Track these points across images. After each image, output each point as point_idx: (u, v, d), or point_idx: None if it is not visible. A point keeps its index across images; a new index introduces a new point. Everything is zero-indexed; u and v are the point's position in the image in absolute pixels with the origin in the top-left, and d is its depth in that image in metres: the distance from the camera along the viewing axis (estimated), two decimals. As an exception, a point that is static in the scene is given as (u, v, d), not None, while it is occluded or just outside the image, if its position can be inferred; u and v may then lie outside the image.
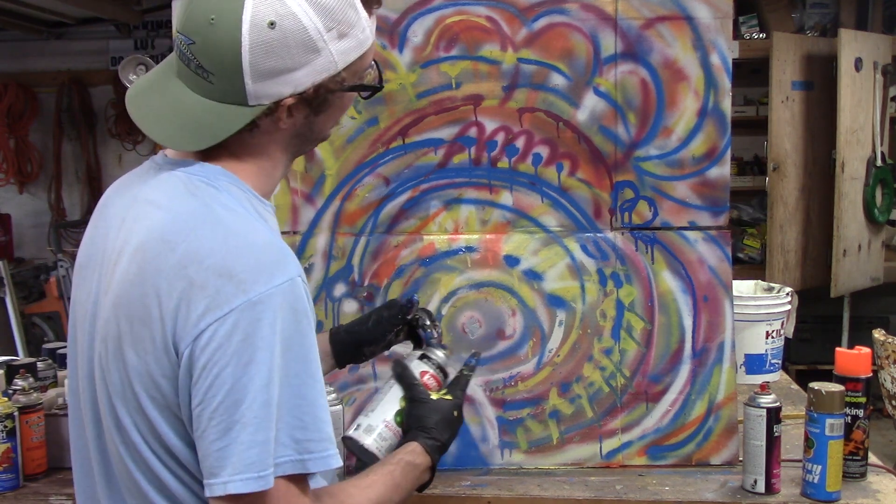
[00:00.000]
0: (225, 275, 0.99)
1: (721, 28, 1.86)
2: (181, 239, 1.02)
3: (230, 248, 1.01)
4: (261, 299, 0.98)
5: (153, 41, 6.23)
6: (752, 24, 5.22)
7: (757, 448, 1.70)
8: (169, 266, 1.00)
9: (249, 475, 0.97)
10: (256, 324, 0.97)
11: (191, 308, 0.98)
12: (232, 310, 0.97)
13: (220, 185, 1.09)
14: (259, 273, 0.99)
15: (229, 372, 0.97)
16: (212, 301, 0.98)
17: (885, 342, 3.12)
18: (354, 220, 1.90)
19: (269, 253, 1.03)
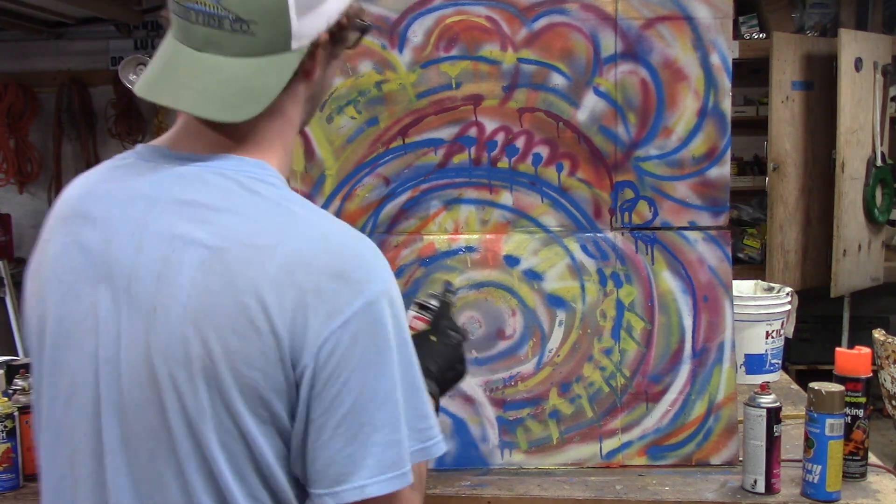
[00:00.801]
0: (338, 277, 0.93)
1: (721, 28, 1.86)
2: (275, 243, 0.94)
3: (333, 248, 0.96)
4: (377, 298, 0.94)
5: (153, 41, 6.23)
6: (752, 24, 5.22)
7: (757, 448, 1.70)
8: (270, 274, 0.92)
9: (391, 474, 0.95)
10: (377, 324, 0.94)
11: (309, 317, 0.92)
12: (354, 313, 0.93)
13: (272, 180, 1.02)
14: (368, 270, 0.96)
15: (357, 377, 0.93)
16: (331, 307, 0.92)
17: (885, 342, 3.12)
18: (354, 220, 1.90)
19: (367, 247, 0.99)
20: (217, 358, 0.93)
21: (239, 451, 0.95)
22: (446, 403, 1.89)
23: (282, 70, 1.01)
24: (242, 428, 0.94)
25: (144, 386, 0.95)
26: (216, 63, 0.99)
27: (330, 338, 0.92)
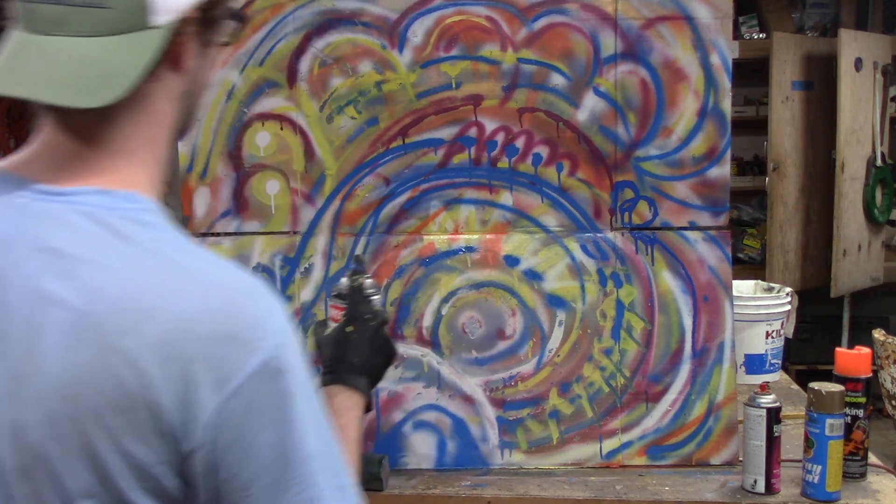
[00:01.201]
0: (228, 340, 0.83)
1: (721, 28, 1.86)
2: (153, 305, 0.82)
3: (220, 305, 0.84)
4: (273, 354, 0.84)
5: (153, 41, 6.22)
6: (752, 24, 5.22)
7: (757, 448, 1.70)
8: (149, 343, 0.81)
9: None
10: (276, 381, 0.85)
11: (198, 389, 0.82)
12: (248, 376, 0.83)
13: (147, 217, 0.88)
14: (261, 325, 0.85)
15: (260, 441, 0.84)
16: (221, 373, 0.82)
17: (885, 342, 3.12)
18: (354, 220, 1.91)
19: (259, 296, 0.87)
20: (95, 436, 0.82)
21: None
22: (446, 403, 1.89)
23: (142, 49, 0.87)
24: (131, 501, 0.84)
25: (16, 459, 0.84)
26: (66, 45, 0.86)
27: (223, 407, 0.82)
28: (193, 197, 1.91)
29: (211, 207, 1.91)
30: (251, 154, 1.90)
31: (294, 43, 1.88)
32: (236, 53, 1.88)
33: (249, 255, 1.91)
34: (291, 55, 1.88)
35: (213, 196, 1.91)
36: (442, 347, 1.90)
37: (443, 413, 1.89)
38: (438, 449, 1.89)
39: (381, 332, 1.36)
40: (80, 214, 0.86)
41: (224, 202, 1.91)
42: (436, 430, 1.90)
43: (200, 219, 1.92)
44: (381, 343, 1.35)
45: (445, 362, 1.90)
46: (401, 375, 1.90)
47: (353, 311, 1.36)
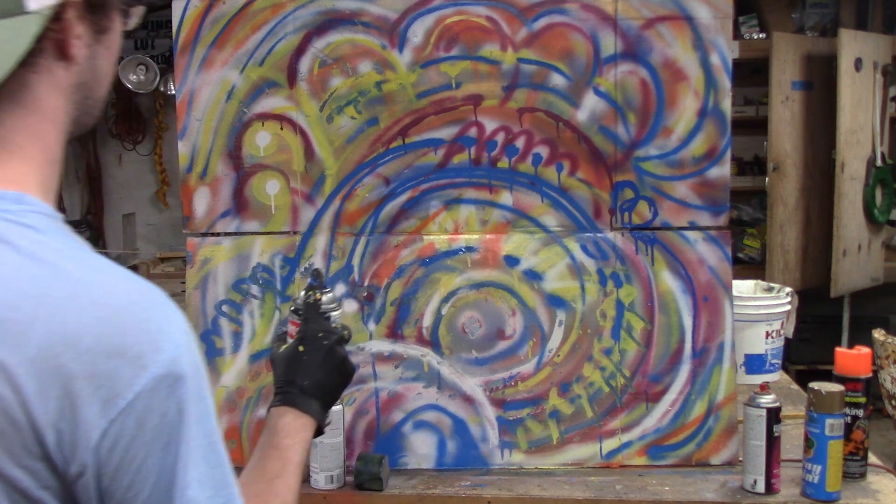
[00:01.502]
0: (116, 354, 0.76)
1: (721, 28, 1.86)
2: (33, 316, 0.75)
3: (107, 316, 0.77)
4: (166, 370, 0.77)
5: (153, 41, 6.23)
6: (752, 24, 5.22)
7: (757, 448, 1.70)
8: (28, 357, 0.74)
9: None
10: (168, 400, 0.78)
11: (81, 408, 0.75)
12: (137, 394, 0.76)
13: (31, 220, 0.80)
14: (154, 338, 0.78)
15: (152, 462, 0.78)
16: (108, 391, 0.75)
17: (885, 342, 3.12)
18: (354, 220, 1.91)
19: (152, 306, 0.80)
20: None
21: None
22: (446, 403, 1.89)
23: (15, 36, 0.80)
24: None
25: None
26: None
27: (110, 428, 0.76)
28: (193, 197, 1.91)
29: (211, 207, 1.91)
30: (251, 154, 1.90)
31: (294, 43, 1.88)
32: (236, 53, 1.88)
33: (249, 255, 1.91)
34: (291, 55, 1.88)
35: (213, 196, 1.91)
36: (442, 347, 1.90)
37: (443, 413, 1.89)
38: (438, 449, 1.89)
39: (335, 351, 1.26)
40: None
41: (224, 202, 1.91)
42: (436, 430, 1.90)
43: (200, 219, 1.92)
44: (335, 363, 1.25)
45: (445, 362, 1.90)
46: (401, 375, 1.90)
47: (305, 330, 1.27)
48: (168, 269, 5.76)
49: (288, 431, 1.17)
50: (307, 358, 1.24)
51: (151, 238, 6.47)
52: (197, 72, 1.88)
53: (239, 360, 1.89)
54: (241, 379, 1.89)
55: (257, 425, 1.89)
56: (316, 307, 1.29)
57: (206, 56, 1.88)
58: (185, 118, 1.89)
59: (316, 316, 1.29)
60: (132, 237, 6.43)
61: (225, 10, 1.88)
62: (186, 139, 1.90)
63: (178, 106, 1.90)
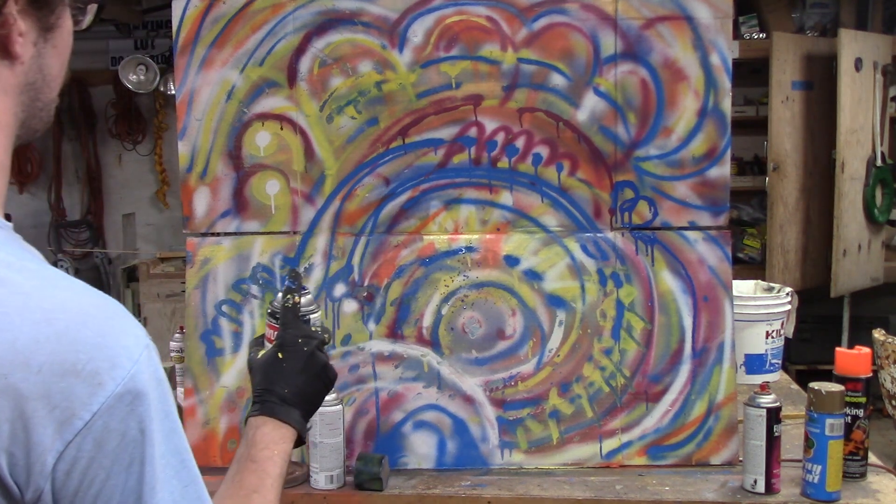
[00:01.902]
0: (68, 372, 0.72)
1: (721, 28, 1.86)
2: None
3: (60, 332, 0.73)
4: (125, 388, 0.74)
5: (153, 41, 6.23)
6: (752, 24, 5.22)
7: (757, 448, 1.70)
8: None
9: None
10: (128, 418, 0.74)
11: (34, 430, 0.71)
12: (95, 413, 0.73)
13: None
14: (110, 354, 0.74)
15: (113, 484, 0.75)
16: (63, 412, 0.72)
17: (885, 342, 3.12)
18: (354, 220, 1.91)
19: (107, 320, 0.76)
20: None
21: None
22: (446, 403, 1.89)
23: None
24: None
25: None
26: None
27: (67, 450, 0.72)
28: (193, 197, 1.91)
29: (211, 207, 1.91)
30: (251, 154, 1.90)
31: (294, 43, 1.88)
32: (236, 53, 1.88)
33: (249, 255, 1.91)
34: (291, 55, 1.88)
35: (213, 196, 1.91)
36: (442, 347, 1.90)
37: (443, 413, 1.89)
38: (438, 449, 1.89)
39: (315, 356, 1.20)
40: None
41: (224, 202, 1.91)
42: (436, 430, 1.90)
43: (200, 219, 1.92)
44: (316, 369, 1.20)
45: (445, 362, 1.90)
46: (401, 375, 1.90)
47: (284, 336, 1.21)
48: (168, 269, 5.76)
49: (266, 443, 1.11)
50: (287, 365, 1.18)
51: (151, 238, 6.47)
52: (197, 72, 1.88)
53: (239, 359, 1.89)
54: (241, 379, 1.89)
55: (257, 425, 1.89)
56: (294, 311, 1.23)
57: (206, 56, 1.88)
58: (185, 118, 1.89)
59: (294, 320, 1.22)
60: (132, 237, 6.43)
61: (225, 10, 1.88)
62: (186, 139, 1.90)
63: (178, 106, 1.90)
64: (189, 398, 1.90)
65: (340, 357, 1.90)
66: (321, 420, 1.74)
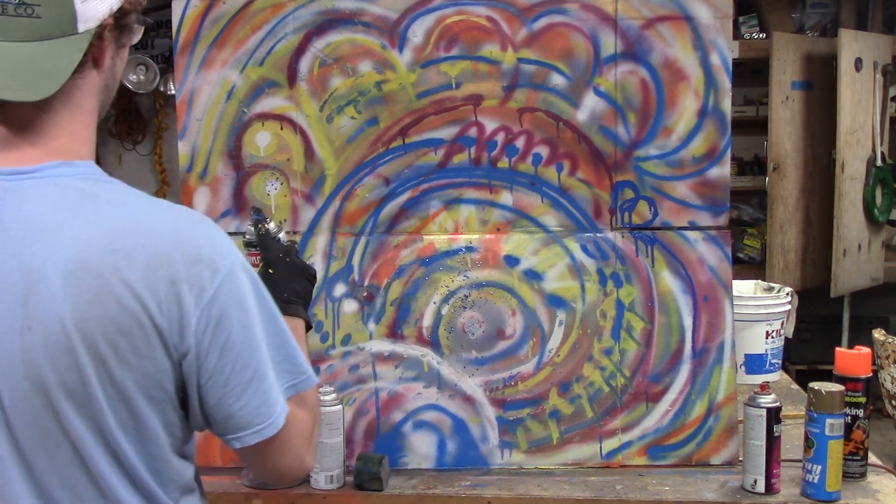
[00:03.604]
0: (197, 261, 1.04)
1: (721, 28, 1.86)
2: (133, 245, 1.02)
3: (184, 236, 1.06)
4: (231, 269, 1.07)
5: (153, 41, 6.22)
6: (752, 24, 5.22)
7: (757, 448, 1.70)
8: (139, 275, 1.01)
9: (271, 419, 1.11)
10: (237, 291, 1.07)
11: (183, 303, 1.03)
12: (217, 288, 1.05)
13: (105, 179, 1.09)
14: (219, 247, 1.07)
15: (233, 340, 1.06)
16: (198, 289, 1.04)
17: (885, 342, 3.13)
18: (354, 219, 1.91)
19: (211, 227, 1.10)
20: (108, 357, 1.02)
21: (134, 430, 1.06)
22: (446, 403, 1.89)
23: (71, 52, 1.05)
24: (137, 411, 1.05)
25: (31, 399, 1.02)
26: (6, 49, 1.03)
27: (203, 315, 1.04)
28: (193, 197, 1.91)
29: (211, 207, 1.91)
30: (251, 154, 1.90)
31: (294, 43, 1.88)
32: (236, 53, 1.88)
33: (249, 255, 1.91)
34: (291, 55, 1.88)
35: (213, 196, 1.91)
36: (442, 347, 1.90)
37: (443, 413, 1.90)
38: (438, 449, 1.89)
39: (296, 263, 1.50)
40: (49, 184, 1.04)
41: (224, 202, 1.91)
42: (436, 430, 1.90)
43: (200, 219, 1.91)
44: (300, 271, 1.49)
45: (445, 362, 1.90)
46: (401, 375, 1.90)
47: (268, 256, 1.51)
48: (168, 269, 5.75)
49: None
50: (279, 276, 1.46)
51: (151, 238, 6.47)
52: (197, 72, 1.88)
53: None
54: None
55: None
56: (268, 235, 1.54)
57: (206, 56, 1.88)
58: (185, 118, 1.89)
59: (271, 242, 1.53)
60: (132, 237, 6.43)
61: (225, 10, 1.88)
62: (186, 139, 1.90)
63: (178, 106, 1.90)
64: (189, 398, 1.90)
65: (340, 357, 1.90)
66: (321, 420, 1.74)
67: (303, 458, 1.19)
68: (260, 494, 1.77)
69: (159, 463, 1.09)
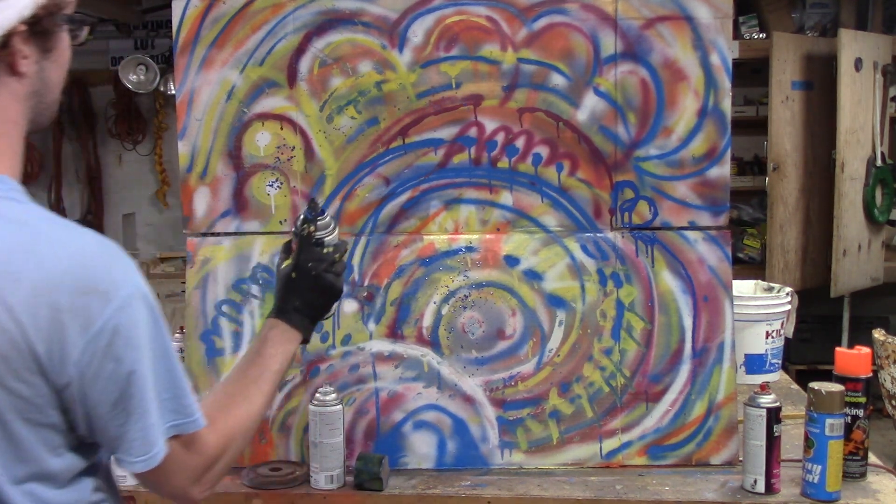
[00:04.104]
0: (88, 292, 1.02)
1: (721, 28, 1.86)
2: (23, 267, 1.01)
3: (80, 263, 1.03)
4: (125, 301, 1.04)
5: (153, 41, 6.23)
6: (752, 24, 5.22)
7: (757, 448, 1.70)
8: (21, 300, 1.00)
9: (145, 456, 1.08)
10: (128, 325, 1.04)
11: (66, 333, 1.01)
12: (105, 321, 1.02)
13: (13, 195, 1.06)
14: (114, 278, 1.04)
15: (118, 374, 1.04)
16: (84, 319, 1.01)
17: (885, 342, 3.12)
18: (354, 220, 1.91)
19: (112, 255, 1.06)
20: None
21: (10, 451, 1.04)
22: (446, 403, 1.89)
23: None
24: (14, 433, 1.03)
25: None
26: None
27: (87, 347, 1.02)
28: (193, 197, 1.91)
29: (211, 207, 1.91)
30: (251, 154, 1.90)
31: (294, 43, 1.88)
32: (236, 53, 1.88)
33: (249, 255, 1.91)
34: (291, 55, 1.88)
35: (213, 196, 1.91)
36: (442, 347, 1.90)
37: (443, 413, 1.90)
38: (438, 449, 1.89)
39: (321, 277, 1.44)
40: None
41: (224, 202, 1.91)
42: (436, 430, 1.90)
43: (200, 219, 1.91)
44: (323, 287, 1.44)
45: (445, 362, 1.90)
46: (401, 375, 1.90)
47: (297, 259, 1.45)
48: (168, 269, 5.76)
49: (275, 342, 1.36)
50: (298, 284, 1.43)
51: (151, 238, 6.47)
52: (197, 72, 1.88)
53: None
54: (241, 379, 1.89)
55: (257, 425, 1.89)
56: (308, 239, 1.46)
57: (206, 56, 1.88)
58: (185, 118, 1.89)
59: (307, 247, 1.46)
60: (132, 237, 6.43)
61: (225, 10, 1.88)
62: (186, 139, 1.90)
63: (178, 106, 1.90)
64: (189, 398, 1.90)
65: (340, 357, 1.90)
66: (321, 420, 1.75)
67: (186, 490, 1.16)
68: (260, 494, 1.77)
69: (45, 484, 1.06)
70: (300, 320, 1.40)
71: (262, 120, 1.89)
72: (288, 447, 1.90)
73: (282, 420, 1.90)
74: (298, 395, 1.89)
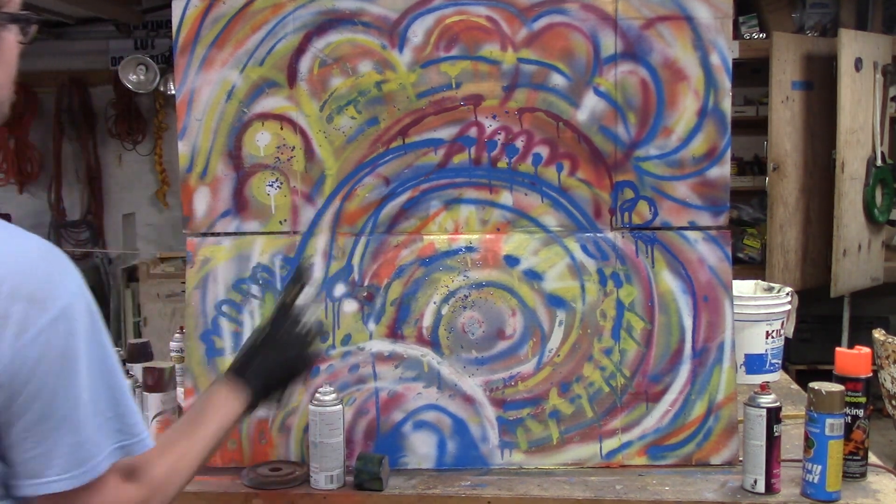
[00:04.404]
0: (25, 299, 0.99)
1: (721, 28, 1.86)
2: None
3: (18, 270, 1.00)
4: (64, 311, 1.01)
5: (153, 41, 6.23)
6: (752, 24, 5.22)
7: (757, 448, 1.70)
8: None
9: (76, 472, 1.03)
10: (65, 335, 1.01)
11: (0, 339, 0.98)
12: (40, 330, 0.99)
13: None
14: (53, 286, 1.01)
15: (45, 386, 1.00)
16: (18, 327, 0.98)
17: (885, 342, 3.13)
18: (354, 220, 1.91)
19: (54, 263, 1.03)
20: None
21: None
22: (446, 403, 1.89)
23: None
24: None
25: None
26: None
27: (17, 355, 0.98)
28: (193, 197, 1.91)
29: (211, 207, 1.91)
30: (251, 154, 1.90)
31: (294, 43, 1.88)
32: (236, 53, 1.88)
33: (249, 255, 1.91)
34: (291, 55, 1.88)
35: (213, 196, 1.91)
36: (442, 347, 1.90)
37: (443, 413, 1.89)
38: (438, 449, 1.89)
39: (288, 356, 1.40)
40: None
41: (224, 202, 1.91)
42: (436, 430, 1.90)
43: (200, 219, 1.91)
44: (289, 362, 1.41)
45: (445, 362, 1.90)
46: (401, 375, 1.90)
47: (270, 331, 1.42)
48: (168, 269, 5.76)
49: (214, 403, 1.31)
50: (264, 352, 1.39)
51: (151, 238, 6.47)
52: (197, 72, 1.88)
53: (239, 360, 1.89)
54: (241, 379, 1.89)
55: (256, 425, 1.89)
56: (285, 310, 1.44)
57: (206, 56, 1.88)
58: (185, 118, 1.89)
59: (282, 318, 1.44)
60: (132, 237, 6.43)
61: (225, 10, 1.88)
62: (186, 139, 1.90)
63: (178, 106, 1.90)
64: (189, 398, 1.90)
65: (340, 357, 1.90)
66: (321, 420, 1.75)
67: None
68: (260, 494, 1.77)
69: None
70: (253, 387, 1.34)
71: (262, 120, 1.89)
72: (288, 447, 1.90)
73: (282, 420, 1.90)
74: (298, 396, 1.89)
